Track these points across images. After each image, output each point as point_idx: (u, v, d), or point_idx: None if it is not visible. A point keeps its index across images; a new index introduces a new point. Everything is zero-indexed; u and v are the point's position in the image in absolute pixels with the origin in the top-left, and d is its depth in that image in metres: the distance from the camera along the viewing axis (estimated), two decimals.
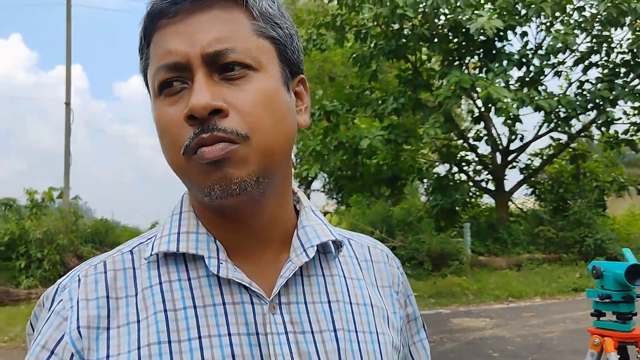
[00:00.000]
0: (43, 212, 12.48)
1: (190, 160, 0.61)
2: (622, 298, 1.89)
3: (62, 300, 0.65)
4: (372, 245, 0.81)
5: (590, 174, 14.43)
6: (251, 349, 0.62)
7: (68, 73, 15.13)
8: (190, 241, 0.66)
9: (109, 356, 0.61)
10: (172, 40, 0.62)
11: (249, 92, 0.62)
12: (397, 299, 0.78)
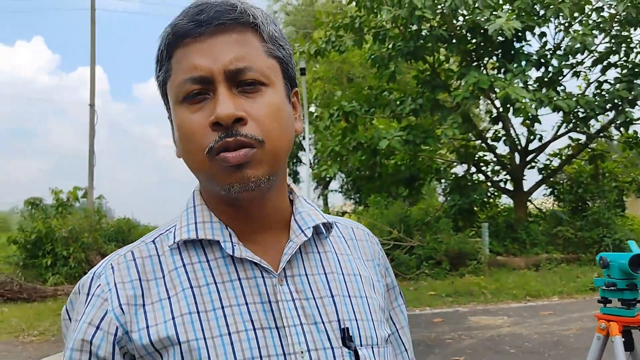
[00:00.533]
0: (68, 211, 12.79)
1: (212, 160, 0.73)
2: (627, 286, 2.04)
3: (100, 285, 0.77)
4: (355, 226, 0.95)
5: (610, 174, 14.36)
6: (265, 314, 0.76)
7: (92, 75, 15.48)
8: (206, 229, 0.79)
9: (148, 326, 0.74)
10: (198, 58, 0.74)
11: (263, 104, 0.75)
12: (379, 270, 0.92)
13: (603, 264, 2.10)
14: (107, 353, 0.74)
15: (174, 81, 0.77)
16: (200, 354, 0.72)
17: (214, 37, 0.75)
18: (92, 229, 12.13)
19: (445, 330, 6.80)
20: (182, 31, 0.75)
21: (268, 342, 0.74)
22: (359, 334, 0.80)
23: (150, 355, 0.74)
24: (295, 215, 0.84)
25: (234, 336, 0.73)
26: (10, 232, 14.61)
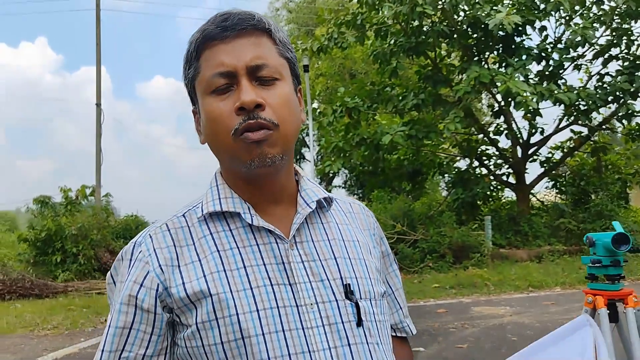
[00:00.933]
0: (77, 209, 12.99)
1: (236, 140, 0.89)
2: (611, 262, 2.22)
3: (141, 251, 0.93)
4: (352, 202, 1.12)
5: (612, 166, 14.46)
6: (280, 273, 0.91)
7: (98, 75, 15.65)
8: (229, 203, 0.95)
9: (184, 282, 0.90)
10: (224, 56, 0.91)
11: (277, 94, 0.92)
12: (374, 238, 1.08)
13: (589, 243, 2.28)
14: (149, 305, 0.90)
15: (204, 76, 0.93)
16: (228, 303, 0.87)
17: (237, 40, 0.92)
18: (100, 226, 12.33)
19: (448, 319, 6.94)
20: (210, 35, 0.92)
21: (283, 296, 0.89)
22: (358, 289, 0.95)
23: (186, 307, 0.89)
24: (300, 191, 1.00)
25: (255, 290, 0.89)
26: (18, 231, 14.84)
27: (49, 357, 5.86)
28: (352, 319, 0.92)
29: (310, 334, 0.89)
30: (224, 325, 0.87)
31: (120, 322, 0.91)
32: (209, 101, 0.93)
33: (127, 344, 0.90)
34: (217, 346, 0.87)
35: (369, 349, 0.93)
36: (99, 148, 15.25)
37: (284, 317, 0.88)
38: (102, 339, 0.94)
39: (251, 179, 0.95)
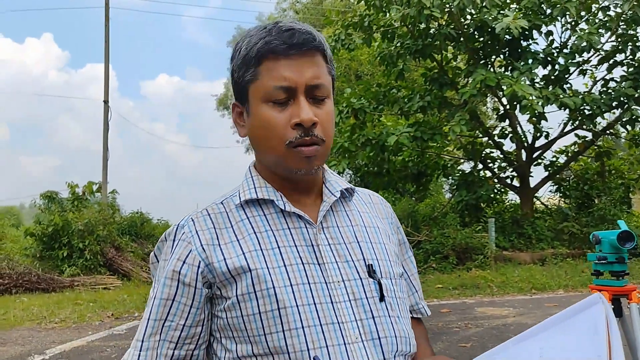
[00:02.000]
0: (83, 205, 13.08)
1: (289, 150, 1.00)
2: (616, 259, 2.31)
3: (185, 232, 1.04)
4: (371, 193, 1.24)
5: (616, 171, 14.51)
6: (309, 254, 1.02)
7: (106, 72, 15.75)
8: (263, 191, 1.07)
9: (225, 259, 1.00)
10: (287, 71, 1.00)
11: (326, 112, 1.03)
12: (392, 227, 1.20)
13: (595, 240, 2.36)
14: (191, 280, 1.00)
15: (263, 84, 1.02)
16: (265, 278, 0.98)
17: (300, 58, 1.01)
18: (106, 222, 12.42)
19: (452, 319, 7.01)
20: (276, 49, 1.00)
21: (313, 273, 1.00)
22: (379, 269, 1.06)
23: (227, 280, 1.00)
24: (325, 183, 1.12)
25: (288, 267, 1.00)
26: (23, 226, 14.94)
27: (57, 350, 5.94)
28: (375, 294, 1.03)
29: (338, 307, 0.99)
30: (261, 297, 0.97)
31: (165, 294, 1.01)
32: (265, 109, 1.02)
33: (170, 314, 1.01)
34: (255, 316, 0.97)
35: (391, 321, 1.03)
36: (106, 144, 15.36)
37: (314, 292, 0.99)
38: (147, 309, 1.04)
39: (289, 178, 1.07)
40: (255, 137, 1.06)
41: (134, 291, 10.10)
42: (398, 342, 1.02)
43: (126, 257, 12.15)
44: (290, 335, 0.95)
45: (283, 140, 1.00)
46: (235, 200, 1.08)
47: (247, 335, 0.97)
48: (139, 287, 10.70)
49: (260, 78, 1.02)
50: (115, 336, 6.58)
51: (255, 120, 1.04)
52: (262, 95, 1.02)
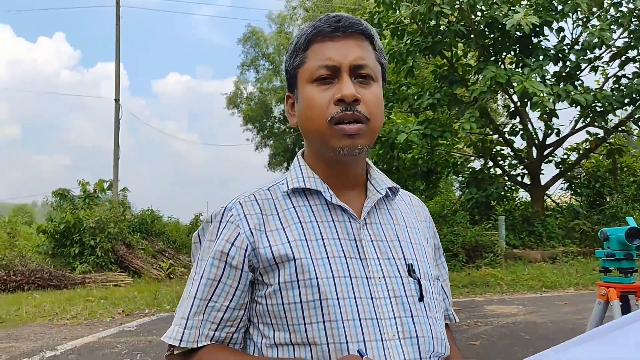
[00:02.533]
0: (95, 202, 13.18)
1: (330, 128, 1.01)
2: (624, 256, 2.28)
3: (232, 215, 1.06)
4: (412, 196, 1.25)
5: (628, 168, 14.38)
6: (352, 248, 1.03)
7: (117, 71, 15.84)
8: (311, 182, 1.08)
9: (271, 245, 1.02)
10: (332, 52, 1.03)
11: (371, 93, 1.04)
12: (429, 230, 1.20)
13: (603, 237, 2.35)
14: (238, 263, 1.02)
15: (309, 66, 1.05)
16: (309, 268, 0.99)
17: (345, 40, 1.04)
18: (117, 219, 12.49)
19: (461, 317, 6.99)
20: (322, 31, 1.04)
21: (355, 267, 1.02)
22: (419, 270, 1.07)
23: (270, 267, 1.01)
24: (370, 179, 1.12)
25: (331, 260, 1.01)
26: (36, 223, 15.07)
27: (69, 345, 5.99)
28: (415, 294, 1.03)
29: (378, 304, 1.00)
30: (304, 287, 0.98)
31: (212, 275, 1.03)
32: (310, 88, 1.04)
33: (215, 295, 1.03)
34: (296, 305, 0.98)
35: (429, 322, 1.03)
36: (117, 143, 15.45)
37: (355, 286, 1.00)
38: (191, 288, 1.05)
39: (335, 163, 1.07)
40: (301, 120, 1.08)
41: (144, 288, 10.16)
42: (435, 342, 1.03)
43: (137, 255, 12.23)
44: (330, 327, 0.96)
45: (325, 117, 1.01)
46: (282, 188, 1.10)
47: (287, 324, 0.99)
48: (149, 284, 10.77)
49: (307, 61, 1.05)
50: (125, 332, 6.63)
51: (302, 103, 1.06)
52: (307, 76, 1.05)
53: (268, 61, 27.61)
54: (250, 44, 27.75)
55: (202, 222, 1.15)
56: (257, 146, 28.45)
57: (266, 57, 27.63)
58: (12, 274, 10.37)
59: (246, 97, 27.88)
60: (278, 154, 27.82)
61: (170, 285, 10.67)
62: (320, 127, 1.03)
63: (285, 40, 26.44)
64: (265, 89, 27.37)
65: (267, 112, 27.31)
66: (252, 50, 27.88)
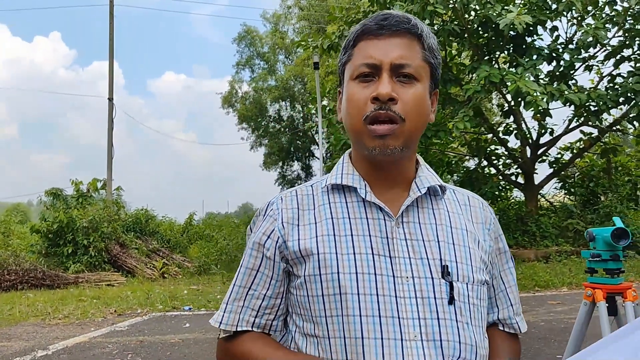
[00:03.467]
0: (88, 202, 13.14)
1: (364, 127, 1.03)
2: (610, 257, 2.27)
3: (272, 209, 1.11)
4: (472, 196, 1.20)
5: (622, 168, 14.40)
6: (382, 245, 1.02)
7: (111, 70, 15.78)
8: (349, 178, 1.09)
9: (299, 239, 1.05)
10: (374, 50, 1.04)
11: (411, 93, 1.03)
12: (488, 233, 1.14)
13: (589, 237, 2.33)
14: (271, 254, 1.08)
15: (353, 63, 1.07)
16: (332, 263, 1.01)
17: (390, 39, 1.04)
18: (111, 219, 12.46)
19: None
20: (368, 30, 1.06)
21: (382, 265, 1.01)
22: (457, 272, 1.03)
23: (298, 260, 1.05)
24: (416, 178, 1.11)
25: (357, 256, 1.01)
26: (30, 223, 15.02)
27: (60, 345, 5.97)
28: (445, 296, 1.00)
29: (402, 303, 0.98)
30: (325, 281, 1.01)
31: (250, 264, 1.10)
32: (351, 85, 1.06)
33: (254, 283, 1.09)
34: (318, 297, 1.01)
35: (457, 326, 1.00)
36: (111, 142, 15.40)
37: (379, 283, 0.99)
38: (235, 276, 1.12)
39: (372, 161, 1.06)
40: (342, 116, 1.11)
41: (137, 288, 10.13)
42: (462, 348, 0.99)
43: (131, 254, 12.20)
44: (348, 321, 0.97)
45: (361, 114, 1.02)
46: (322, 184, 1.13)
47: (311, 315, 1.02)
48: (142, 284, 10.74)
49: (352, 58, 1.07)
50: (117, 332, 6.61)
51: (343, 99, 1.09)
52: (351, 73, 1.06)
53: (263, 60, 27.59)
54: (245, 43, 27.73)
55: (195, 221, 1.18)
56: (252, 145, 28.44)
57: (261, 56, 27.61)
58: (6, 274, 10.33)
59: (241, 96, 27.85)
60: (273, 153, 27.80)
61: (163, 285, 10.64)
62: (357, 125, 1.04)
63: (280, 40, 26.40)
64: (260, 88, 27.34)
65: (262, 111, 27.29)
66: (247, 49, 27.85)
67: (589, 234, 2.35)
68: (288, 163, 28.75)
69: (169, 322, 7.20)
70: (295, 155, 28.47)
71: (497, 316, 1.16)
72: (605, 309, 2.30)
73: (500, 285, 1.17)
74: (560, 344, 5.64)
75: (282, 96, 26.97)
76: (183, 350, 5.58)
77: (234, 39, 27.88)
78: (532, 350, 5.37)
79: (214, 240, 14.10)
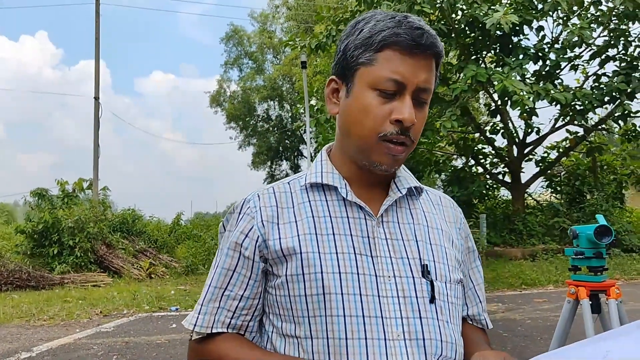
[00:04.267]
0: (74, 202, 13.00)
1: (378, 143, 1.01)
2: (593, 254, 2.27)
3: (250, 207, 1.08)
4: (443, 196, 1.22)
5: (608, 166, 14.54)
6: (364, 245, 1.02)
7: (97, 69, 15.64)
8: (329, 177, 1.08)
9: (280, 238, 1.03)
10: (404, 68, 0.99)
11: (422, 117, 1.03)
12: (459, 232, 1.16)
13: (573, 235, 2.34)
14: (250, 253, 1.04)
15: (376, 71, 1.00)
16: (315, 262, 0.99)
17: (422, 60, 1.00)
18: (97, 219, 12.35)
19: None
20: (403, 42, 0.99)
21: (364, 265, 1.01)
22: (435, 271, 1.04)
23: (279, 259, 1.02)
24: (395, 178, 1.11)
25: (340, 255, 1.00)
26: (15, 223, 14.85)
27: (44, 347, 5.90)
28: (426, 295, 1.01)
29: (384, 302, 0.98)
30: (309, 280, 0.99)
31: (227, 264, 1.07)
32: (369, 95, 1.01)
33: (230, 284, 1.06)
34: (300, 297, 0.99)
35: (439, 325, 1.01)
36: (97, 141, 15.26)
37: (362, 283, 0.98)
38: (209, 276, 1.09)
39: (365, 169, 1.06)
40: (348, 119, 1.05)
41: (124, 288, 10.05)
42: (443, 346, 1.00)
43: (117, 254, 12.10)
44: (331, 321, 0.96)
45: (377, 131, 1.00)
46: (301, 182, 1.11)
47: (292, 315, 1.00)
48: (129, 284, 10.65)
49: (375, 65, 1.00)
50: (102, 334, 6.54)
51: (355, 103, 1.03)
52: (370, 80, 1.01)
53: (251, 60, 27.51)
54: (233, 43, 27.63)
55: (182, 221, 1.14)
56: (240, 145, 28.34)
57: (249, 55, 27.53)
58: None
59: (229, 95, 27.75)
60: (262, 152, 27.74)
61: (150, 285, 10.57)
62: (369, 139, 1.01)
63: (267, 40, 26.34)
64: (248, 88, 27.25)
65: (250, 110, 27.21)
66: (235, 49, 27.75)
67: (573, 232, 2.35)
68: (276, 162, 28.71)
69: (156, 323, 7.15)
70: (283, 154, 28.43)
71: (467, 313, 1.17)
72: (588, 307, 2.31)
73: (469, 283, 1.18)
74: (546, 342, 5.67)
75: (271, 95, 26.91)
76: (169, 351, 5.54)
77: (222, 39, 27.80)
78: (519, 348, 5.39)
79: (201, 240, 14.02)
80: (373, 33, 1.00)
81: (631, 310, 6.71)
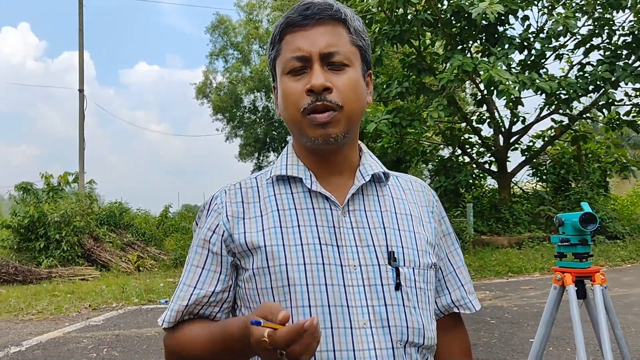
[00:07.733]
0: (59, 195, 12.89)
1: (304, 118, 1.01)
2: (579, 241, 2.33)
3: (217, 203, 1.09)
4: (414, 180, 1.20)
5: (592, 155, 14.70)
6: (330, 235, 1.02)
7: (81, 60, 15.46)
8: (294, 169, 1.08)
9: (245, 232, 1.04)
10: (301, 42, 1.02)
11: (345, 79, 1.02)
12: (432, 216, 1.15)
13: (559, 223, 2.38)
14: (218, 248, 1.06)
15: (283, 58, 1.05)
16: (279, 255, 1.00)
17: (315, 28, 1.03)
18: (83, 212, 12.26)
19: None
20: (292, 22, 1.04)
21: (329, 255, 1.01)
22: (403, 257, 1.04)
23: (245, 253, 1.04)
24: (360, 166, 1.11)
25: (305, 247, 1.01)
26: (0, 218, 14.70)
27: (34, 341, 5.89)
28: (391, 282, 1.01)
29: (350, 291, 0.99)
30: (274, 273, 1.00)
31: (196, 261, 1.09)
32: (285, 80, 1.05)
33: (199, 282, 1.07)
34: (267, 290, 1.01)
35: (405, 311, 1.01)
36: (82, 134, 15.12)
37: (327, 273, 0.99)
38: (182, 273, 1.11)
39: (316, 151, 1.06)
40: (280, 111, 1.09)
41: (112, 281, 10.02)
42: (409, 332, 1.00)
43: (105, 248, 12.04)
44: (297, 312, 0.97)
45: (297, 108, 1.01)
46: (267, 176, 1.12)
47: None
48: (117, 278, 10.62)
49: (281, 53, 1.05)
50: (92, 327, 6.53)
51: (280, 94, 1.06)
52: (282, 68, 1.05)
53: (237, 50, 27.31)
54: (219, 33, 27.39)
55: (170, 213, 1.15)
56: (227, 136, 28.22)
57: (235, 46, 27.32)
58: None
59: (215, 87, 27.56)
60: (249, 144, 27.63)
61: (139, 278, 10.55)
62: (296, 118, 1.03)
63: (254, 30, 26.18)
64: (234, 79, 27.09)
65: (236, 102, 27.05)
66: (221, 39, 27.53)
67: (558, 220, 2.39)
68: (264, 154, 28.62)
69: (145, 316, 7.15)
70: (271, 145, 28.36)
71: (450, 298, 1.16)
72: (574, 292, 2.35)
73: (449, 267, 1.17)
74: (533, 328, 5.76)
75: (257, 87, 26.77)
76: (159, 344, 5.55)
77: (207, 29, 27.55)
78: (506, 335, 5.47)
79: (190, 233, 13.99)
80: (275, 29, 1.07)
81: (616, 295, 6.83)
